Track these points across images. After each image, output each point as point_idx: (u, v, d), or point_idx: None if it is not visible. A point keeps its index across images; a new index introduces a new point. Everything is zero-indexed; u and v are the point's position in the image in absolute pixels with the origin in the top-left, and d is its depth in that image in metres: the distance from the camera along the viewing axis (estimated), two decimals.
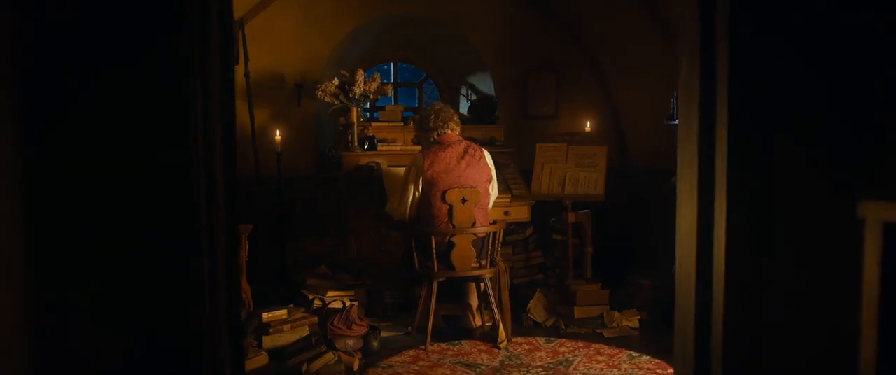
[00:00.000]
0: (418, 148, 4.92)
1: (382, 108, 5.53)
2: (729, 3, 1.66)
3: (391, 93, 5.53)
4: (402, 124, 5.36)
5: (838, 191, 1.47)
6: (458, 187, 4.21)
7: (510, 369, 3.90)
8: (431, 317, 4.27)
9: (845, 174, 1.56)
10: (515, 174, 5.23)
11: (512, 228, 5.30)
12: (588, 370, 3.87)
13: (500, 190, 4.69)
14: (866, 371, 1.40)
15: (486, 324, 4.56)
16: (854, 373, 1.44)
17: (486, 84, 6.03)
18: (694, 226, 1.93)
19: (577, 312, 4.73)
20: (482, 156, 4.34)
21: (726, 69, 1.73)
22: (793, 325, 1.75)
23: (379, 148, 5.16)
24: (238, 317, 1.64)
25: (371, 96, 5.17)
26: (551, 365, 3.95)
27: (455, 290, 4.61)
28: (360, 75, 5.08)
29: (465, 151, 4.30)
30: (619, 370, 3.87)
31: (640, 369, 3.88)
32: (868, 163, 1.53)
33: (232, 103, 1.53)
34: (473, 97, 5.98)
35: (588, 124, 5.68)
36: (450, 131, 4.33)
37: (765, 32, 1.70)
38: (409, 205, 4.31)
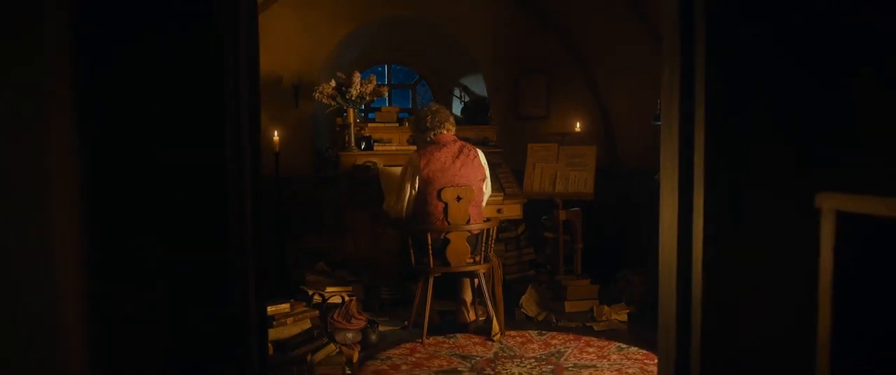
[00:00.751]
0: (413, 148, 5.11)
1: (378, 109, 5.71)
2: (705, 18, 1.86)
3: (387, 94, 5.71)
4: (397, 125, 5.55)
5: (800, 185, 1.66)
6: (453, 186, 4.40)
7: (504, 360, 4.09)
8: (427, 311, 4.45)
9: (806, 170, 1.76)
10: (508, 173, 5.42)
11: (504, 226, 5.50)
12: (578, 360, 4.07)
13: (493, 189, 4.88)
14: (822, 344, 1.60)
15: (480, 319, 4.75)
16: (814, 347, 1.64)
17: (478, 85, 6.23)
18: (675, 219, 2.13)
19: (568, 306, 4.93)
20: (476, 156, 4.53)
21: (703, 76, 1.93)
22: (763, 307, 1.95)
23: (375, 148, 5.34)
24: (265, 307, 1.82)
25: (367, 97, 5.35)
26: (544, 357, 4.14)
27: (449, 286, 4.79)
28: (357, 77, 5.26)
29: (460, 151, 4.48)
30: (609, 360, 4.07)
31: (629, 359, 4.08)
32: (825, 160, 1.73)
33: (258, 104, 1.71)
34: (466, 98, 6.17)
35: (578, 125, 5.89)
36: (445, 132, 4.51)
37: (738, 44, 1.90)
38: (405, 203, 4.49)
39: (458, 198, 4.40)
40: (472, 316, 4.76)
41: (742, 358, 2.05)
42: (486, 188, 4.64)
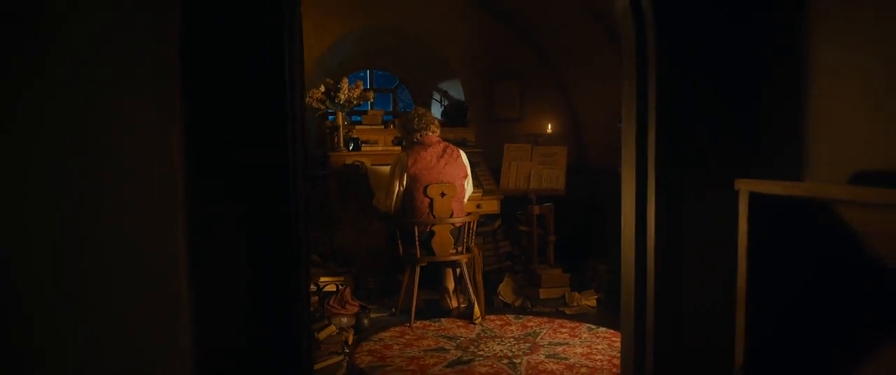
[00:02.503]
0: (397, 148, 5.63)
1: (363, 112, 6.22)
2: (656, 46, 2.42)
3: (373, 99, 6.22)
4: (382, 127, 6.05)
5: (725, 176, 2.22)
6: (437, 183, 4.92)
7: (486, 340, 4.63)
8: (415, 298, 4.97)
9: (729, 165, 2.32)
10: (485, 171, 5.96)
11: (482, 220, 6.03)
12: (553, 339, 4.62)
13: (473, 186, 5.41)
14: (740, 302, 2.16)
15: (462, 305, 5.28)
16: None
17: (455, 90, 6.77)
18: (632, 205, 2.69)
19: (542, 293, 5.49)
20: (459, 156, 5.06)
21: (655, 91, 2.49)
22: (701, 273, 2.52)
23: (362, 148, 5.84)
24: (308, 288, 2.32)
25: (354, 102, 5.84)
26: (522, 336, 4.68)
27: (433, 277, 5.31)
28: (345, 83, 5.76)
29: (444, 151, 5.01)
30: (580, 338, 4.63)
31: (598, 338, 4.64)
32: (741, 157, 2.31)
33: (303, 114, 2.21)
34: (445, 102, 6.70)
35: (549, 126, 6.46)
36: (430, 133, 5.03)
37: (680, 66, 2.47)
38: (394, 199, 5.00)
39: (443, 194, 4.92)
40: (454, 303, 5.29)
41: (686, 318, 2.62)
42: (468, 185, 5.17)
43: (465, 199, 5.19)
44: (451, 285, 5.31)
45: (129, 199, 1.84)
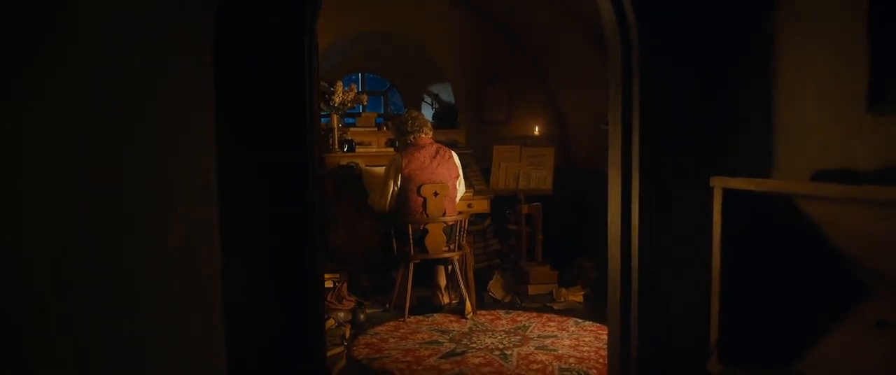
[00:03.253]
0: (390, 150, 5.88)
1: (357, 115, 6.45)
2: (640, 56, 2.69)
3: (367, 102, 6.46)
4: (375, 129, 6.30)
5: (702, 175, 2.49)
6: (430, 183, 5.17)
7: (478, 333, 4.89)
8: (408, 293, 5.21)
9: (707, 163, 2.60)
10: (476, 172, 6.22)
11: (472, 219, 6.29)
12: (542, 332, 4.88)
13: (465, 187, 5.67)
14: (715, 287, 2.43)
15: (453, 302, 5.54)
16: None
17: (445, 93, 7.03)
18: (618, 202, 2.96)
19: (531, 289, 5.76)
20: (451, 157, 5.31)
21: (638, 97, 2.76)
22: (683, 265, 2.79)
23: (357, 150, 6.08)
24: (323, 283, 2.57)
25: (348, 104, 6.08)
26: (512, 330, 4.95)
27: (425, 274, 5.56)
28: (339, 86, 6.00)
29: (437, 152, 5.26)
30: (567, 332, 4.90)
31: (585, 331, 4.92)
32: (716, 158, 2.58)
33: (318, 114, 2.45)
34: (436, 105, 6.96)
35: (536, 128, 6.73)
36: (423, 135, 5.28)
37: (661, 74, 2.74)
38: (389, 198, 5.24)
39: (436, 194, 5.18)
40: (446, 299, 5.54)
41: (670, 305, 2.89)
42: (460, 185, 5.43)
43: (457, 199, 5.45)
44: (442, 282, 5.56)
45: (175, 199, 2.07)
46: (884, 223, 1.97)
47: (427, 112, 7.09)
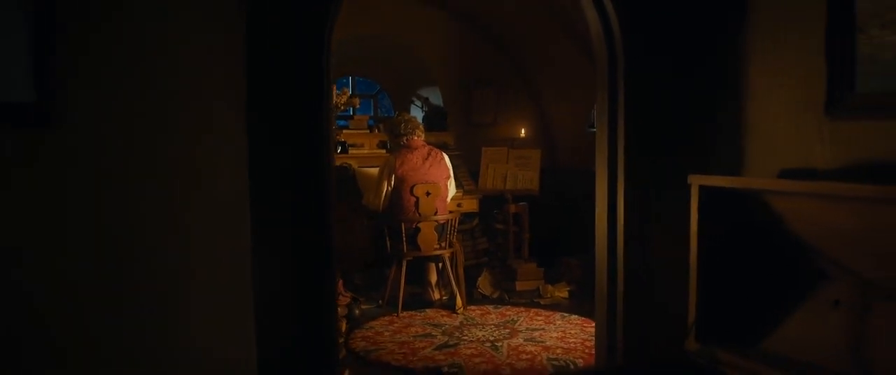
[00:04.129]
0: (382, 151, 6.16)
1: (350, 117, 6.72)
2: (625, 65, 2.99)
3: (359, 104, 6.73)
4: (368, 131, 6.57)
5: (681, 172, 2.79)
6: (423, 183, 5.45)
7: (469, 327, 5.17)
8: (402, 290, 5.49)
9: (687, 163, 2.91)
10: (465, 173, 6.52)
11: (461, 219, 6.58)
12: (530, 326, 5.18)
13: (455, 187, 5.96)
14: (693, 272, 2.73)
15: (444, 297, 5.82)
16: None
17: (434, 96, 7.32)
18: (605, 198, 3.26)
19: (518, 286, 6.07)
20: (442, 158, 5.60)
21: (623, 102, 3.07)
22: (664, 254, 3.09)
23: (350, 151, 6.34)
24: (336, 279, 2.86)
25: (341, 107, 6.34)
26: (501, 324, 5.24)
27: (415, 272, 5.83)
28: (333, 89, 6.26)
29: (429, 154, 5.55)
30: (554, 325, 5.20)
31: (570, 324, 5.22)
32: (693, 159, 2.90)
33: (332, 120, 2.72)
34: (426, 108, 7.25)
35: (522, 131, 7.05)
36: (416, 137, 5.56)
37: (644, 82, 3.05)
38: (383, 198, 5.52)
39: (428, 194, 5.46)
40: (437, 295, 5.82)
41: (650, 302, 3.19)
42: (451, 185, 5.72)
43: (449, 199, 5.73)
44: (433, 279, 5.84)
45: (215, 184, 2.35)
46: (838, 215, 2.29)
47: (416, 114, 7.37)
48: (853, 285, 2.39)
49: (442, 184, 5.54)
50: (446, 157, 5.67)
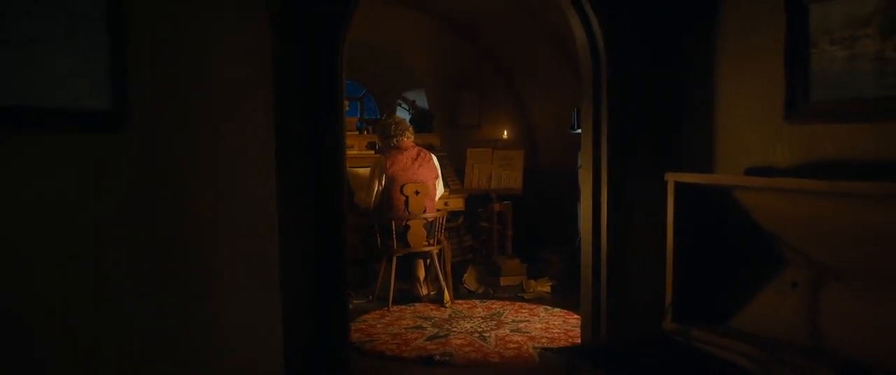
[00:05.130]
0: (371, 152, 6.48)
1: None
2: (607, 76, 3.37)
3: (348, 107, 7.04)
4: (357, 133, 6.89)
5: (659, 169, 3.16)
6: (412, 182, 5.79)
7: (458, 319, 5.52)
8: (392, 285, 5.82)
9: (662, 161, 3.29)
10: (451, 172, 6.87)
11: (448, 217, 6.93)
12: (515, 318, 5.54)
13: (443, 187, 6.30)
14: (669, 260, 3.10)
15: (431, 292, 6.16)
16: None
17: (420, 99, 7.66)
18: (589, 196, 3.63)
19: (502, 281, 6.43)
20: (431, 159, 5.95)
21: (606, 108, 3.44)
22: (643, 244, 3.47)
23: None
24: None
25: None
26: (488, 316, 5.59)
27: (404, 268, 6.16)
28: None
29: (418, 155, 5.89)
30: (538, 317, 5.57)
31: (553, 316, 5.59)
32: (669, 158, 3.28)
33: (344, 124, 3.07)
34: (412, 111, 7.59)
35: (505, 132, 7.42)
36: (405, 139, 5.90)
37: (625, 90, 3.42)
38: (374, 197, 5.84)
39: (417, 193, 5.80)
40: (424, 291, 6.17)
41: (631, 289, 3.57)
42: (439, 185, 6.06)
43: (437, 198, 6.08)
44: (421, 274, 6.18)
45: (249, 199, 2.68)
46: (795, 207, 2.67)
47: (403, 117, 7.70)
48: (808, 268, 2.78)
49: (430, 184, 5.88)
50: (434, 158, 6.01)
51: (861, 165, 2.62)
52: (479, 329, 5.23)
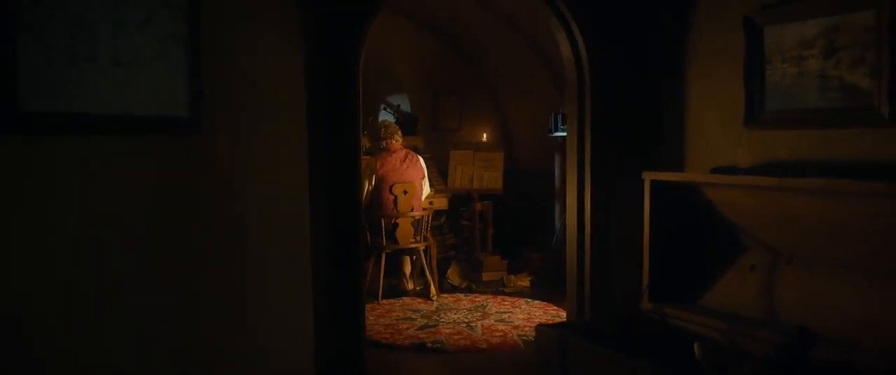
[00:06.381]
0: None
1: None
2: (591, 85, 3.88)
3: None
4: None
5: (636, 173, 3.68)
6: (400, 182, 6.25)
7: (445, 311, 5.99)
8: (381, 279, 6.28)
9: (639, 162, 3.81)
10: (435, 174, 7.35)
11: (433, 216, 7.40)
12: (499, 309, 6.04)
13: (429, 187, 6.78)
14: (646, 248, 3.62)
15: (418, 287, 6.63)
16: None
17: (404, 103, 8.13)
18: (575, 193, 4.14)
19: (485, 276, 6.93)
20: (418, 161, 6.42)
21: (590, 114, 3.96)
22: (624, 234, 3.99)
23: None
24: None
25: None
26: (473, 308, 6.08)
27: (391, 265, 6.62)
28: None
29: (406, 156, 6.36)
30: (520, 309, 6.07)
31: (534, 308, 6.10)
32: (647, 159, 3.82)
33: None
34: (397, 115, 8.05)
35: (484, 135, 7.92)
36: (394, 141, 6.36)
37: (606, 98, 3.95)
38: (364, 196, 6.30)
39: (405, 192, 6.27)
40: (411, 286, 6.64)
41: (612, 278, 4.08)
42: (426, 185, 6.54)
43: (424, 197, 6.55)
44: (407, 270, 6.65)
45: (288, 198, 3.13)
46: (753, 200, 3.21)
47: (388, 120, 8.16)
48: (764, 253, 3.32)
49: (418, 184, 6.36)
50: (421, 159, 6.48)
51: (808, 164, 3.17)
52: (466, 320, 5.71)
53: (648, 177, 3.56)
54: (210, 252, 2.77)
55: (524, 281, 6.88)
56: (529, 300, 6.34)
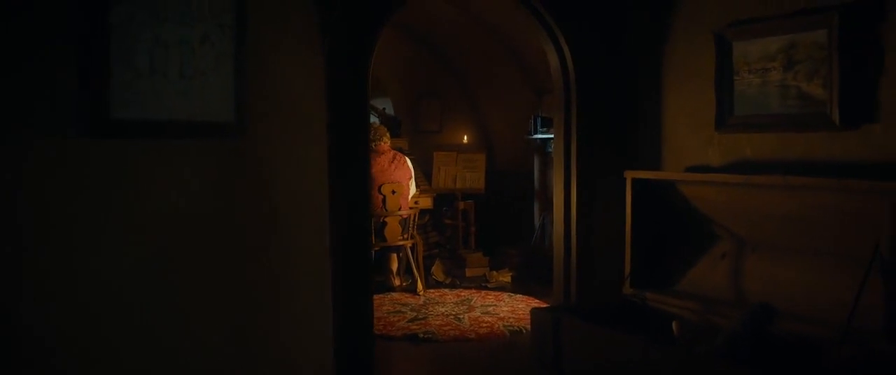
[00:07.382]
0: None
1: None
2: (577, 92, 4.35)
3: None
4: None
5: (619, 172, 4.15)
6: (389, 183, 6.66)
7: (432, 305, 6.42)
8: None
9: (621, 162, 4.29)
10: (420, 174, 7.77)
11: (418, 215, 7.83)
12: (484, 303, 6.48)
13: (415, 187, 7.20)
14: (628, 241, 4.09)
15: (404, 284, 7.05)
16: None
17: (387, 106, 8.55)
18: (562, 190, 4.60)
19: (468, 272, 7.38)
20: (405, 161, 6.84)
21: (575, 118, 4.42)
22: (606, 229, 4.46)
23: None
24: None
25: None
26: (459, 302, 6.52)
27: (378, 262, 7.02)
28: None
29: (394, 158, 6.78)
30: (504, 302, 6.52)
31: (517, 301, 6.56)
32: (629, 158, 4.30)
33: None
34: (380, 117, 8.47)
35: (465, 137, 8.37)
36: (383, 143, 6.78)
37: (591, 103, 4.42)
38: None
39: (393, 192, 6.68)
40: (398, 282, 7.05)
41: (596, 268, 4.55)
42: (412, 185, 6.96)
43: (410, 197, 6.97)
44: (394, 267, 7.07)
45: (311, 195, 3.54)
46: (722, 195, 3.70)
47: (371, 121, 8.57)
48: (733, 243, 3.81)
49: (405, 184, 6.78)
50: (408, 161, 6.91)
51: (770, 163, 3.67)
52: (454, 313, 6.14)
53: (630, 175, 4.04)
54: (255, 243, 3.16)
55: (506, 277, 7.34)
56: (512, 294, 6.80)
